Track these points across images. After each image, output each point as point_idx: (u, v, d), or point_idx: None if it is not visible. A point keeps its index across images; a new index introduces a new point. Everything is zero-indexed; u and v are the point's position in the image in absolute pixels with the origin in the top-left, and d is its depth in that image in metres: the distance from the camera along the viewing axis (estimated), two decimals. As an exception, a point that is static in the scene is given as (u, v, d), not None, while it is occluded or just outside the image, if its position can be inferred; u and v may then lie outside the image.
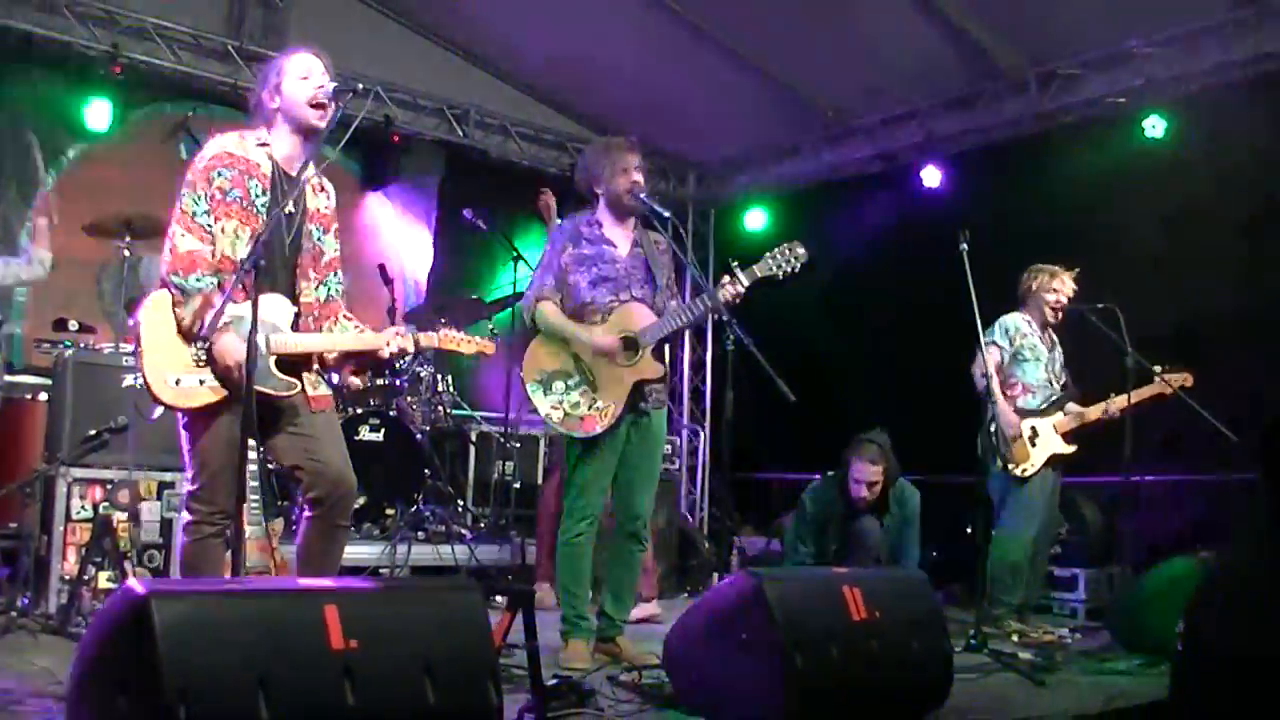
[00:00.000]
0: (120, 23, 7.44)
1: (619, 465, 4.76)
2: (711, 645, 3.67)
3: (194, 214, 3.64)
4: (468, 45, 9.04)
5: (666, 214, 4.75)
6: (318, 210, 3.90)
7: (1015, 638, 5.64)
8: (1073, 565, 7.04)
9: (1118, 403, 6.03)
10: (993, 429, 5.98)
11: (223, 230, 3.65)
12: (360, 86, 3.81)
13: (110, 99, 7.47)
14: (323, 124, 3.75)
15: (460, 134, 9.03)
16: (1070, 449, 6.08)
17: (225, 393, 3.58)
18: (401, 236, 9.37)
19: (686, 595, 7.32)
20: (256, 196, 3.71)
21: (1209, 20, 7.00)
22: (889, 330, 8.74)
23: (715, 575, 7.02)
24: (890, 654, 3.58)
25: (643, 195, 4.75)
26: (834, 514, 6.52)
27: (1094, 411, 6.08)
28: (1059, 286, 6.21)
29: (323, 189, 3.95)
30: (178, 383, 3.57)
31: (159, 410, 3.79)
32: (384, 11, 8.65)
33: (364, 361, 3.95)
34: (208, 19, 7.87)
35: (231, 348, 3.53)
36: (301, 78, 3.76)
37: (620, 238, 4.85)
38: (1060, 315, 6.21)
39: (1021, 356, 6.15)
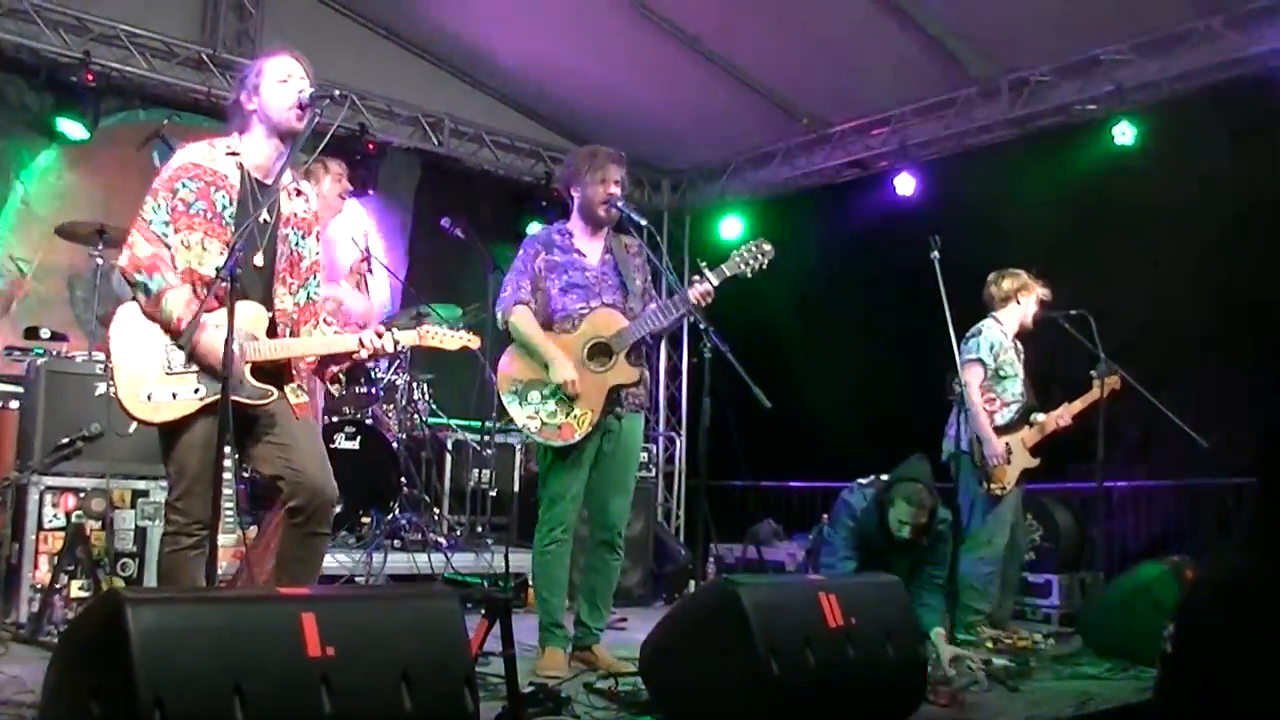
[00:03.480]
0: (92, 30, 7.39)
1: (592, 472, 4.76)
2: (687, 652, 3.68)
3: (151, 223, 3.60)
4: (443, 53, 9.03)
5: (644, 222, 4.78)
6: (294, 214, 3.84)
7: (989, 644, 5.66)
8: (1046, 571, 7.08)
9: (1074, 407, 6.10)
10: (965, 443, 5.98)
11: (185, 244, 3.60)
12: (336, 93, 3.80)
13: (82, 108, 7.41)
14: (301, 124, 3.72)
15: (435, 142, 9.03)
16: (1036, 462, 6.13)
17: (199, 405, 3.55)
18: (376, 244, 9.34)
19: (662, 602, 7.32)
20: (224, 208, 3.65)
21: (1177, 27, 7.07)
22: (863, 337, 8.77)
23: (691, 583, 7.01)
24: (865, 660, 3.59)
25: (619, 205, 4.78)
26: (874, 542, 5.77)
27: (1052, 420, 6.12)
28: (1043, 295, 6.26)
29: (300, 193, 3.91)
30: (149, 397, 3.54)
31: (134, 425, 3.75)
32: (358, 19, 8.63)
33: (342, 365, 3.91)
34: (180, 26, 7.82)
35: (214, 342, 3.48)
36: (281, 80, 3.73)
37: (591, 247, 4.86)
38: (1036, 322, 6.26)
39: (1003, 373, 6.15)
